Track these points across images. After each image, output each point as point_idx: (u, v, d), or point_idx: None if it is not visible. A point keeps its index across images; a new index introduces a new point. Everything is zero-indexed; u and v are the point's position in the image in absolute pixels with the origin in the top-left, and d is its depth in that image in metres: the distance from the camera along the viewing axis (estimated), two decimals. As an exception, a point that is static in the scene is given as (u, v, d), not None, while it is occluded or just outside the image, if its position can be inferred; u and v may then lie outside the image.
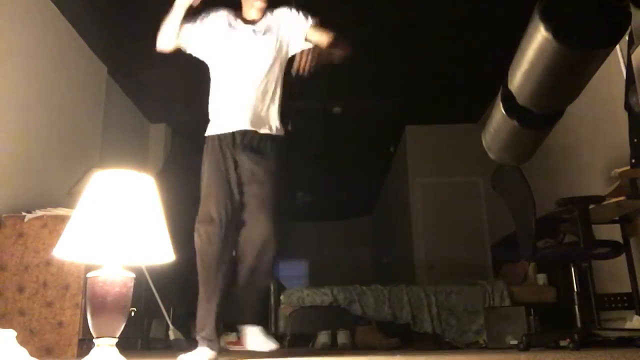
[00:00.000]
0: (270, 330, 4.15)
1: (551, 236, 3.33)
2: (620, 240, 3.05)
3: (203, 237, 2.29)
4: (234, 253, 2.38)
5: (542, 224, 3.03)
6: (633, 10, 2.44)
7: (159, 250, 1.63)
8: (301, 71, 2.35)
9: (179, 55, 2.55)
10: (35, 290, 2.93)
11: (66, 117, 4.10)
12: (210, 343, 2.20)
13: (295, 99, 2.94)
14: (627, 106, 2.94)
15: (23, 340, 1.79)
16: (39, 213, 3.09)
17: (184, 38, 2.50)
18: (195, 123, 6.14)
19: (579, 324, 2.63)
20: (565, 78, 2.70)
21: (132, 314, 1.64)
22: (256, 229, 2.33)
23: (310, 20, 2.50)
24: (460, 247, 5.77)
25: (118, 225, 1.56)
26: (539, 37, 2.57)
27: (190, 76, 5.25)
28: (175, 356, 2.09)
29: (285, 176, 2.48)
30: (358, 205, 9.94)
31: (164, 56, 2.54)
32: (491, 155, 3.73)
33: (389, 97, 5.70)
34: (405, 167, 6.43)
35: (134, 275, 1.61)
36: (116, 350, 1.56)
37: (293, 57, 2.48)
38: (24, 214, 3.09)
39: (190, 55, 2.59)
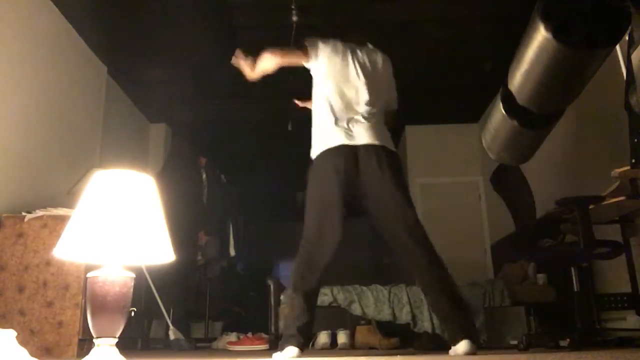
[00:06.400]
0: (270, 330, 4.15)
1: (551, 236, 3.33)
2: (620, 240, 3.05)
3: None
4: None
5: (542, 224, 3.04)
6: (633, 10, 2.44)
7: (159, 250, 1.63)
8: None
9: (179, 55, 2.56)
10: (35, 290, 2.93)
11: (66, 117, 4.09)
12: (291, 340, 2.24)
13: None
14: (627, 106, 2.93)
15: (23, 340, 1.79)
16: (39, 213, 3.09)
17: None
18: (195, 123, 6.19)
19: (579, 324, 2.63)
20: (565, 78, 2.70)
21: (132, 314, 1.64)
22: None
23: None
24: (460, 247, 5.76)
25: (118, 225, 1.55)
26: (539, 37, 2.57)
27: (190, 76, 5.28)
28: (176, 356, 2.09)
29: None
30: (358, 205, 9.92)
31: (164, 56, 2.55)
32: (491, 155, 3.73)
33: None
34: (405, 167, 6.42)
35: (134, 275, 1.61)
36: (116, 350, 1.56)
37: None
38: (24, 214, 3.09)
39: (189, 56, 2.62)
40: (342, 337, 3.91)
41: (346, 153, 2.42)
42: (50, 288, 2.94)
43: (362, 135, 2.45)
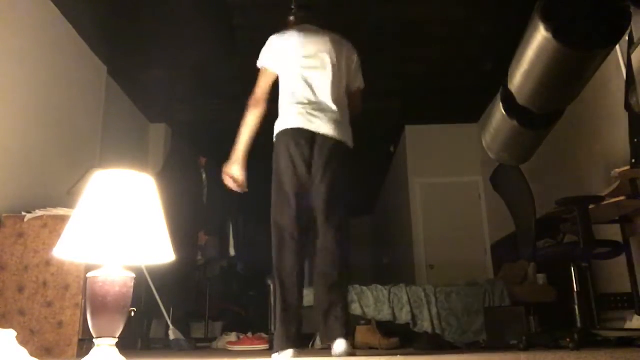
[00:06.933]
0: (270, 330, 4.15)
1: (551, 236, 3.33)
2: (620, 240, 3.05)
3: None
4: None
5: (542, 224, 3.04)
6: (633, 10, 2.45)
7: (159, 250, 1.63)
8: None
9: (179, 55, 2.56)
10: (35, 290, 2.93)
11: (66, 117, 4.09)
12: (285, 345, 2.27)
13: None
14: (627, 106, 2.94)
15: (23, 340, 1.79)
16: (39, 213, 3.09)
17: None
18: (195, 123, 6.19)
19: (579, 324, 2.63)
20: (565, 78, 2.70)
21: (132, 314, 1.64)
22: None
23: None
24: (460, 247, 5.77)
25: (118, 225, 1.55)
26: (539, 37, 2.57)
27: (190, 76, 5.28)
28: (176, 356, 2.09)
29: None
30: (358, 205, 9.95)
31: (164, 56, 2.55)
32: (491, 155, 3.73)
33: (389, 97, 5.70)
34: (405, 167, 6.42)
35: (134, 275, 1.61)
36: (116, 350, 1.56)
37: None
38: (24, 214, 3.09)
39: (189, 55, 2.62)
40: (342, 337, 3.89)
41: (305, 136, 2.44)
42: (50, 288, 2.94)
43: (323, 125, 2.46)
